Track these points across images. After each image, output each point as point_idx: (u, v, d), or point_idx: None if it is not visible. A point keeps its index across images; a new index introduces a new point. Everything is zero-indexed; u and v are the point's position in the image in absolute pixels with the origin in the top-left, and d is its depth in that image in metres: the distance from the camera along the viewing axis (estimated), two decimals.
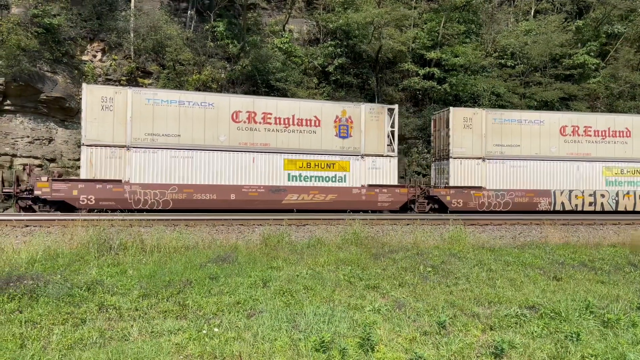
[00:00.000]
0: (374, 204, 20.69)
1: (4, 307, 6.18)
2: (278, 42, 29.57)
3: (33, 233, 12.02)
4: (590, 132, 23.43)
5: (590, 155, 23.28)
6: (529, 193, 22.27)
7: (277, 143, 20.12)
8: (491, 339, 5.76)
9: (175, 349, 5.22)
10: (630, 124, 23.92)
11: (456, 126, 22.04)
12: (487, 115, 22.44)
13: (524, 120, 22.81)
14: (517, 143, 22.61)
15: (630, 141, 23.85)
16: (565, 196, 22.71)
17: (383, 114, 21.40)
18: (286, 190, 19.82)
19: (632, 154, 23.80)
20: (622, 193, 23.25)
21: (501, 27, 34.97)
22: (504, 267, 9.60)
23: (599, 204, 22.98)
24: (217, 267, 8.57)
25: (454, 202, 21.40)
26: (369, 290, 7.66)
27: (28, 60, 23.36)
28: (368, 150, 21.12)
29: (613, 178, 23.42)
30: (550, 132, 22.99)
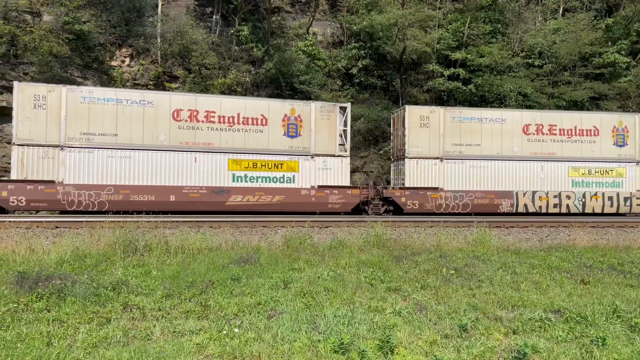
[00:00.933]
0: (324, 205, 19.98)
1: (33, 306, 6.36)
2: (302, 45, 29.71)
3: (62, 234, 12.35)
4: (556, 131, 22.37)
5: (556, 155, 22.24)
6: (490, 194, 21.37)
7: (221, 142, 19.39)
8: (514, 343, 5.67)
9: (196, 348, 5.29)
10: (598, 122, 22.76)
11: (412, 125, 21.16)
12: (446, 113, 21.48)
13: (484, 118, 21.83)
14: (477, 142, 21.65)
15: (599, 140, 22.69)
16: (529, 197, 21.74)
17: (335, 113, 20.63)
18: (230, 192, 19.14)
19: (601, 154, 22.63)
20: (589, 194, 22.20)
21: (528, 26, 34.36)
22: (529, 270, 9.43)
23: (564, 205, 21.99)
24: (239, 268, 8.65)
25: (409, 204, 20.61)
26: (390, 293, 7.63)
27: (60, 66, 24.05)
28: (319, 150, 20.33)
29: (580, 179, 22.41)
30: (513, 131, 22.02)
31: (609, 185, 22.50)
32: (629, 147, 22.79)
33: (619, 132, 22.80)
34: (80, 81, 24.83)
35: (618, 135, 22.81)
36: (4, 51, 23.09)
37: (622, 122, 22.90)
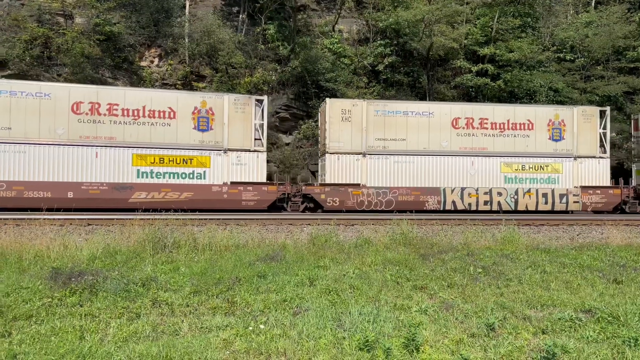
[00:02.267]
0: (238, 202, 19.16)
1: (66, 300, 6.55)
2: (327, 42, 29.72)
3: (94, 231, 12.67)
4: (487, 125, 21.38)
5: (487, 150, 21.30)
6: (415, 191, 20.48)
7: (125, 137, 18.52)
8: (543, 343, 5.56)
9: (223, 344, 5.37)
10: (532, 115, 21.80)
11: (334, 119, 20.27)
12: (369, 107, 20.63)
13: (410, 112, 20.87)
14: (402, 137, 20.71)
15: (533, 134, 21.72)
16: (457, 194, 20.86)
17: (250, 106, 19.78)
18: (133, 188, 18.34)
19: (535, 148, 21.68)
20: (522, 191, 21.27)
21: (559, 20, 33.62)
22: (559, 269, 9.23)
23: (495, 202, 21.03)
24: (265, 266, 8.73)
25: (329, 201, 19.87)
26: (416, 291, 7.58)
27: (91, 67, 24.64)
28: (232, 144, 19.49)
29: (513, 175, 21.47)
30: (441, 125, 21.05)
31: (544, 182, 21.58)
32: (566, 142, 21.82)
33: (555, 126, 21.82)
34: (111, 81, 25.40)
35: (554, 129, 21.84)
36: (39, 53, 23.78)
37: (559, 115, 21.94)
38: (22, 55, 23.28)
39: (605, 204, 21.36)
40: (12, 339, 5.36)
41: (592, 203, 21.29)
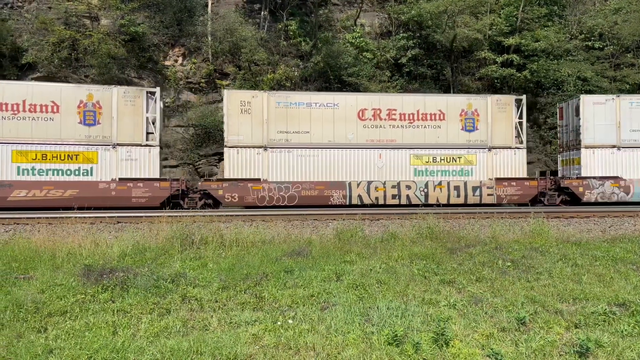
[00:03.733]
0: (127, 200, 18.32)
1: (99, 297, 6.70)
2: (349, 37, 29.58)
3: (124, 229, 12.90)
4: (395, 116, 20.33)
5: (396, 142, 20.27)
6: (319, 185, 19.58)
7: (4, 133, 17.66)
8: (576, 337, 5.48)
9: (252, 339, 5.42)
10: (444, 105, 20.71)
11: (232, 111, 19.37)
12: (270, 98, 19.70)
13: (314, 103, 19.91)
14: (306, 129, 19.77)
15: (444, 125, 20.63)
16: (363, 188, 19.90)
17: (141, 98, 18.81)
18: (12, 186, 17.47)
19: (447, 140, 20.61)
20: (432, 184, 20.29)
21: (587, 7, 32.72)
22: (591, 262, 9.03)
23: (404, 196, 20.08)
24: (291, 261, 8.77)
25: (228, 197, 19.00)
26: (444, 285, 7.52)
27: (117, 68, 25.05)
28: (122, 139, 18.55)
29: (423, 167, 20.42)
30: (347, 117, 20.08)
31: (457, 174, 20.62)
32: (480, 132, 20.80)
33: (468, 116, 20.78)
34: (137, 81, 25.79)
35: (467, 120, 20.79)
36: (66, 55, 24.29)
37: (472, 105, 20.89)
38: (50, 57, 23.80)
39: (521, 196, 20.51)
40: (48, 334, 5.52)
41: (508, 195, 20.47)
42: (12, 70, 23.84)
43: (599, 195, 20.56)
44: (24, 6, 26.13)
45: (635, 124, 21.03)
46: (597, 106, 21.03)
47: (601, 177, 20.71)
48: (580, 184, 20.63)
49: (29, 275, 7.82)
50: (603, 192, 20.62)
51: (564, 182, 21.01)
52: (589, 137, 20.89)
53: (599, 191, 20.62)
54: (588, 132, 20.93)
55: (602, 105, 21.07)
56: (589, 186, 20.61)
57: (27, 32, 24.58)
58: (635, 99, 21.31)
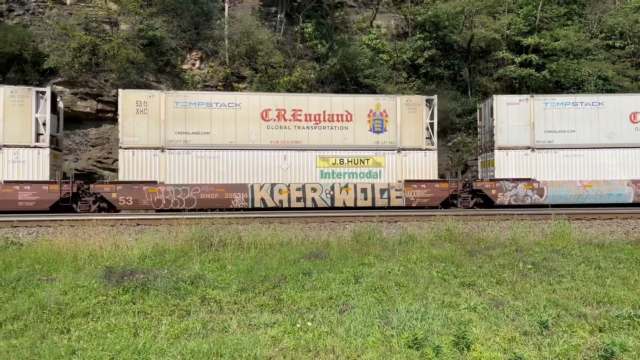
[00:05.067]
0: (14, 203, 17.54)
1: (120, 298, 6.78)
2: (366, 38, 29.56)
3: (143, 231, 13.05)
4: (301, 117, 19.74)
5: (301, 144, 19.66)
6: (219, 188, 18.97)
7: None
8: (600, 341, 5.37)
9: (272, 341, 5.43)
10: (351, 105, 20.00)
11: (127, 111, 18.62)
12: (168, 98, 19.02)
13: (215, 103, 19.30)
14: (206, 130, 19.14)
15: (352, 126, 19.96)
16: (267, 191, 19.31)
17: (29, 98, 18.00)
18: None
19: (354, 141, 19.94)
20: (339, 186, 19.68)
21: (607, 5, 32.21)
22: (614, 264, 8.87)
23: (309, 199, 19.47)
24: (309, 263, 8.77)
25: (122, 200, 18.32)
26: (463, 288, 7.45)
27: (136, 72, 25.37)
28: (9, 140, 17.82)
29: (330, 169, 19.78)
30: (250, 117, 19.44)
31: (365, 176, 20.00)
32: (389, 134, 20.13)
33: (376, 117, 20.11)
34: (155, 85, 26.08)
35: (375, 120, 20.11)
36: (87, 60, 24.67)
37: (381, 105, 20.22)
38: (71, 62, 24.19)
39: (431, 198, 19.92)
40: (70, 335, 5.59)
41: (417, 198, 19.88)
42: (33, 75, 24.29)
43: (512, 198, 20.05)
44: (45, 12, 26.60)
45: (550, 125, 20.46)
46: (511, 106, 20.47)
47: (514, 179, 20.15)
48: (493, 186, 20.12)
49: (52, 276, 7.95)
50: (516, 194, 20.09)
51: (476, 185, 20.56)
52: (503, 138, 20.34)
53: (512, 193, 20.09)
54: (502, 133, 20.38)
55: (516, 106, 20.51)
56: (501, 188, 20.08)
57: (48, 38, 25.02)
58: (550, 99, 20.74)
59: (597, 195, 20.18)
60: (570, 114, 20.53)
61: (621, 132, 20.50)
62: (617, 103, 20.76)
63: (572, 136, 20.42)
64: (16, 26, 25.25)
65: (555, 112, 20.52)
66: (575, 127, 20.46)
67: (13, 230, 13.40)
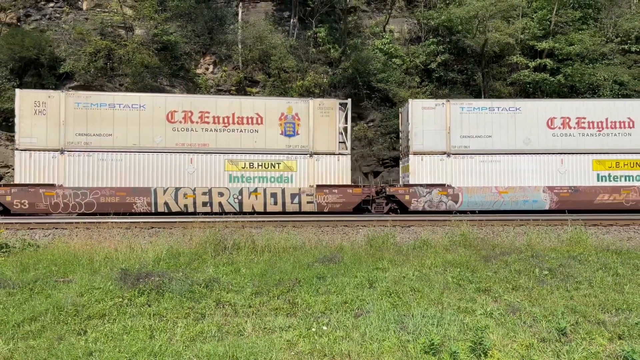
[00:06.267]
0: None
1: (135, 300, 6.81)
2: (378, 43, 29.55)
3: (158, 234, 13.14)
4: (209, 119, 19.33)
5: (209, 147, 19.24)
6: (121, 192, 18.45)
7: None
8: (620, 349, 5.28)
9: (287, 345, 5.41)
10: (262, 108, 19.66)
11: (25, 112, 18.12)
12: (68, 98, 18.50)
13: (118, 104, 18.73)
14: (108, 132, 18.58)
15: (263, 129, 19.61)
16: (171, 195, 18.86)
17: None
18: None
19: (265, 145, 19.59)
20: (247, 191, 19.30)
21: (623, 10, 31.90)
22: (633, 271, 8.74)
23: (216, 204, 19.08)
24: (323, 267, 8.75)
25: (17, 204, 17.77)
26: (479, 294, 7.38)
27: (150, 77, 25.60)
28: None
29: (239, 173, 19.42)
30: (155, 119, 18.95)
31: (276, 180, 19.63)
32: (301, 137, 19.78)
33: (288, 120, 19.77)
34: (169, 89, 26.30)
35: (287, 124, 19.78)
36: (102, 65, 24.96)
37: (292, 108, 19.87)
38: (87, 67, 24.50)
39: (343, 204, 19.57)
40: (87, 337, 5.62)
41: (329, 203, 19.53)
42: (50, 79, 24.62)
43: (426, 204, 19.73)
44: (61, 17, 26.99)
45: (466, 130, 20.13)
46: (427, 111, 20.14)
47: (429, 185, 19.84)
48: (407, 192, 19.81)
49: (69, 278, 8.02)
50: (431, 200, 19.76)
51: (390, 190, 20.17)
52: (418, 143, 20.03)
53: (426, 199, 19.77)
54: (417, 137, 20.05)
55: (432, 110, 20.18)
56: (415, 194, 19.77)
57: (64, 43, 25.36)
58: (467, 104, 20.41)
59: (512, 201, 19.92)
60: (487, 119, 20.24)
61: (538, 138, 20.25)
62: (534, 108, 20.48)
63: (488, 142, 20.14)
64: (33, 31, 25.65)
65: (472, 117, 20.23)
66: (492, 133, 20.19)
67: (30, 232, 13.56)
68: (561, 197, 20.02)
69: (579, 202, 20.06)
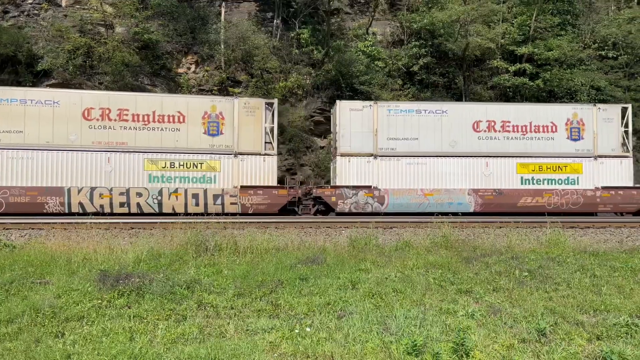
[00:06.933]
0: None
1: (115, 302, 6.70)
2: (361, 45, 29.66)
3: (138, 235, 12.96)
4: (128, 117, 18.79)
5: (127, 145, 18.66)
6: (32, 191, 17.76)
7: None
8: (598, 350, 5.37)
9: (270, 347, 5.38)
10: (184, 106, 19.20)
11: None
12: None
13: (30, 100, 18.07)
14: (19, 129, 17.92)
15: (185, 128, 19.13)
16: (86, 195, 18.20)
17: None
18: None
19: (187, 144, 19.12)
20: (167, 191, 18.80)
21: (601, 16, 32.61)
22: (610, 272, 8.89)
23: (134, 204, 18.49)
24: (306, 268, 8.72)
25: None
26: (461, 295, 7.43)
27: (131, 75, 25.27)
28: None
29: (159, 173, 18.85)
30: (69, 116, 18.27)
31: (198, 181, 19.18)
32: (225, 137, 19.44)
33: (212, 119, 19.44)
34: (150, 89, 25.99)
35: (211, 123, 19.45)
36: (81, 62, 24.56)
37: (216, 107, 19.52)
38: (65, 64, 24.08)
39: (269, 205, 19.28)
40: (65, 339, 5.51)
41: (254, 205, 19.26)
42: (27, 77, 24.14)
43: (352, 206, 19.82)
44: (40, 14, 26.50)
45: (393, 132, 20.25)
46: (354, 113, 20.22)
47: (355, 187, 19.93)
48: (333, 194, 19.88)
49: (45, 280, 7.84)
50: (357, 202, 19.84)
51: (317, 192, 20.22)
52: (345, 145, 20.11)
53: (352, 201, 19.84)
54: (344, 139, 20.13)
55: (360, 112, 20.25)
56: (342, 196, 19.83)
57: (42, 40, 24.92)
58: (394, 106, 20.60)
59: (437, 203, 20.08)
60: (414, 121, 20.37)
61: (464, 141, 20.50)
62: (460, 112, 20.75)
63: (415, 144, 20.28)
64: (11, 28, 25.13)
65: (399, 120, 20.33)
66: (419, 135, 20.34)
67: (5, 232, 13.25)
68: (485, 200, 20.24)
69: (503, 205, 20.31)
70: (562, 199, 20.62)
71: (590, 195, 20.77)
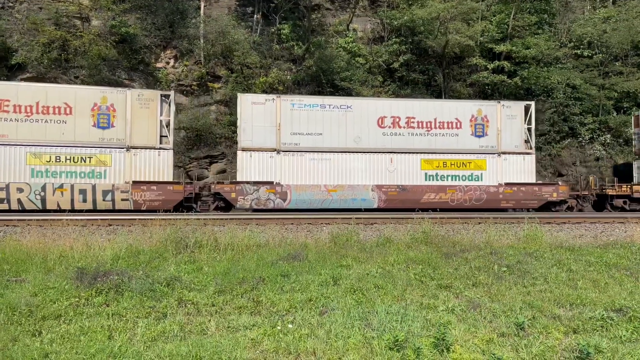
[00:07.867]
0: None
1: (93, 300, 6.59)
2: (342, 42, 29.67)
3: (116, 231, 12.76)
4: (9, 108, 18.05)
5: (8, 138, 17.92)
6: None
7: None
8: (575, 343, 5.48)
9: (251, 344, 5.35)
10: (71, 97, 18.39)
11: None
12: None
13: None
14: None
15: (72, 120, 18.27)
16: None
17: None
18: None
19: (75, 137, 18.30)
20: (52, 187, 17.88)
21: (577, 16, 33.19)
22: (585, 267, 9.07)
23: (14, 201, 17.61)
24: (288, 265, 8.70)
25: None
26: (441, 290, 7.50)
27: (108, 69, 24.84)
28: None
29: (44, 167, 17.94)
30: None
31: (87, 176, 18.40)
32: (117, 130, 18.74)
33: (102, 111, 18.66)
34: (128, 83, 25.59)
35: (101, 115, 18.66)
36: (56, 56, 24.04)
37: (107, 98, 18.78)
38: (40, 58, 23.56)
39: (163, 201, 18.67)
40: (42, 338, 5.41)
41: (147, 201, 18.61)
42: (1, 70, 23.55)
43: (253, 202, 19.62)
44: (14, 6, 25.85)
45: (297, 127, 20.12)
46: (256, 106, 19.98)
47: (256, 182, 19.71)
48: (233, 189, 19.58)
49: (21, 278, 7.68)
50: (258, 198, 19.66)
51: (215, 187, 20.03)
52: (247, 140, 19.84)
53: (253, 197, 19.63)
54: (245, 133, 19.85)
55: (262, 106, 20.02)
56: (242, 192, 19.56)
57: (17, 33, 24.33)
58: (298, 100, 20.47)
59: (341, 199, 20.08)
60: (318, 116, 20.27)
61: (368, 137, 20.53)
62: (365, 107, 20.72)
63: (319, 139, 20.19)
64: None
65: (303, 114, 20.20)
66: (323, 130, 20.26)
67: None
68: (389, 196, 20.28)
69: (407, 201, 20.39)
70: (465, 195, 20.79)
71: (493, 191, 21.00)
